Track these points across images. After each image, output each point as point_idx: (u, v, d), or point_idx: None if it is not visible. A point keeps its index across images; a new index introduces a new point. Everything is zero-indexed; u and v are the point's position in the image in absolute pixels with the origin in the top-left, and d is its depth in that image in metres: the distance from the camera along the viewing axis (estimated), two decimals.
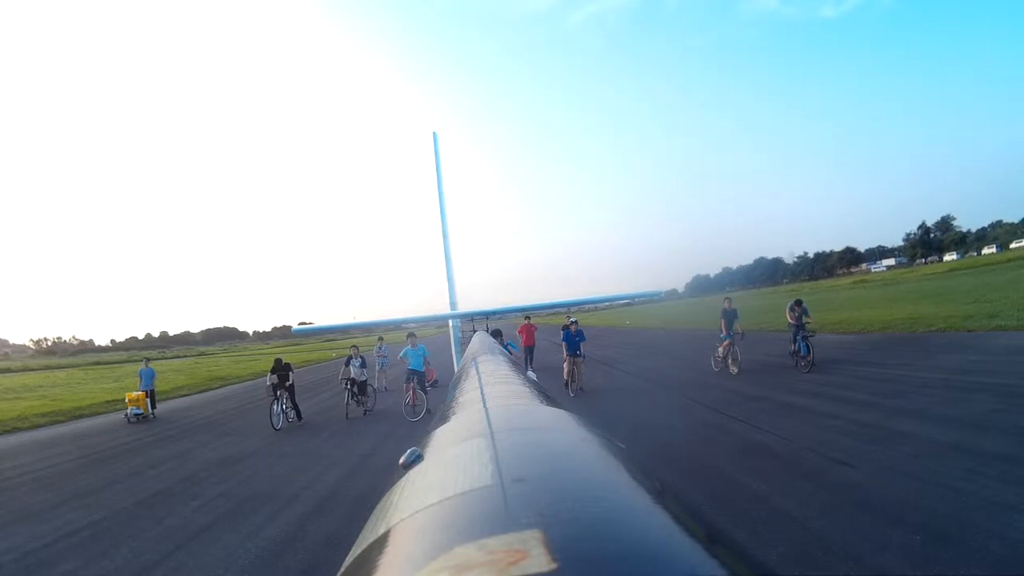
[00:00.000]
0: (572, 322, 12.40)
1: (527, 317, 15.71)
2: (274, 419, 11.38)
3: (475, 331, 7.14)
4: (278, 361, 12.02)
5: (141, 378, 15.46)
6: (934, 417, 6.56)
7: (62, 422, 16.59)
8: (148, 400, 15.28)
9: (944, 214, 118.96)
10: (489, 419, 1.14)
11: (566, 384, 11.94)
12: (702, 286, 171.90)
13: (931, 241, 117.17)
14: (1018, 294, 18.68)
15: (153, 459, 9.60)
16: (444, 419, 1.43)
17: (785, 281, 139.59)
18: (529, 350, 15.29)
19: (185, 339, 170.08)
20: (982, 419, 6.18)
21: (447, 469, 0.82)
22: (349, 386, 12.29)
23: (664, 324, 38.49)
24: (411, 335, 11.73)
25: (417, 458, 0.98)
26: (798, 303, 12.07)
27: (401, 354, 11.48)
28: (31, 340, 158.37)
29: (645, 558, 0.45)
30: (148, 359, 16.83)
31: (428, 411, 10.37)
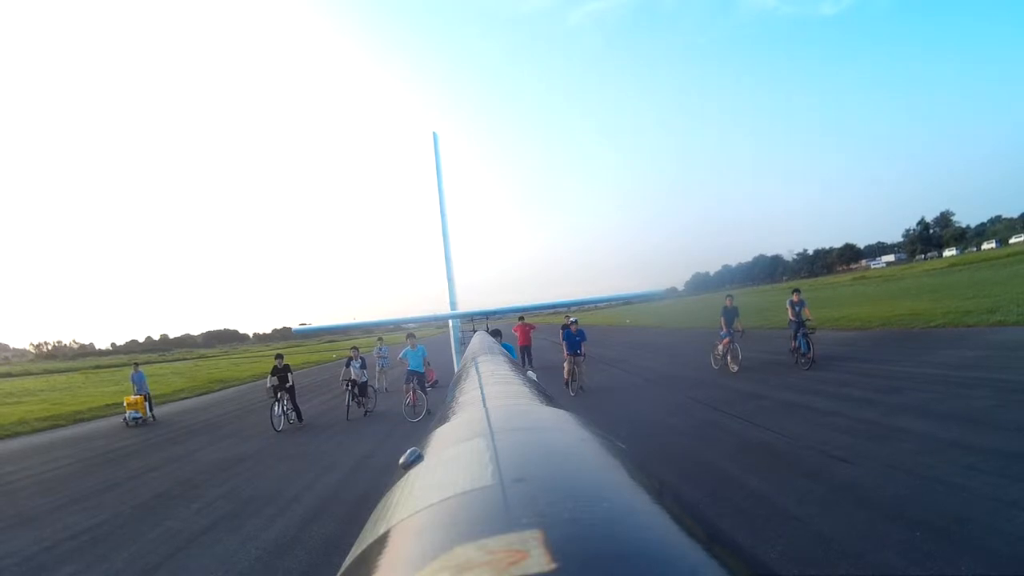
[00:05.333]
0: (572, 321, 12.40)
1: (521, 317, 15.65)
2: (275, 420, 11.39)
3: (475, 331, 7.14)
4: (279, 359, 11.99)
5: (134, 383, 15.45)
6: (934, 414, 6.56)
7: (63, 426, 16.60)
8: (146, 403, 15.29)
9: (943, 210, 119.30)
10: (489, 419, 1.13)
11: (566, 383, 11.94)
12: (702, 284, 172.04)
13: (930, 237, 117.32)
14: (1017, 289, 18.68)
15: (153, 462, 9.61)
16: (444, 419, 1.43)
17: (785, 278, 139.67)
18: (525, 350, 15.25)
19: (185, 342, 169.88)
20: (982, 415, 6.18)
21: (447, 469, 0.82)
22: (350, 387, 12.30)
23: (664, 322, 38.50)
24: (410, 336, 11.72)
25: (417, 458, 0.98)
26: (796, 292, 12.11)
27: (401, 355, 11.48)
28: (31, 344, 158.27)
29: (645, 558, 0.45)
30: (137, 363, 16.82)
31: (428, 412, 10.37)
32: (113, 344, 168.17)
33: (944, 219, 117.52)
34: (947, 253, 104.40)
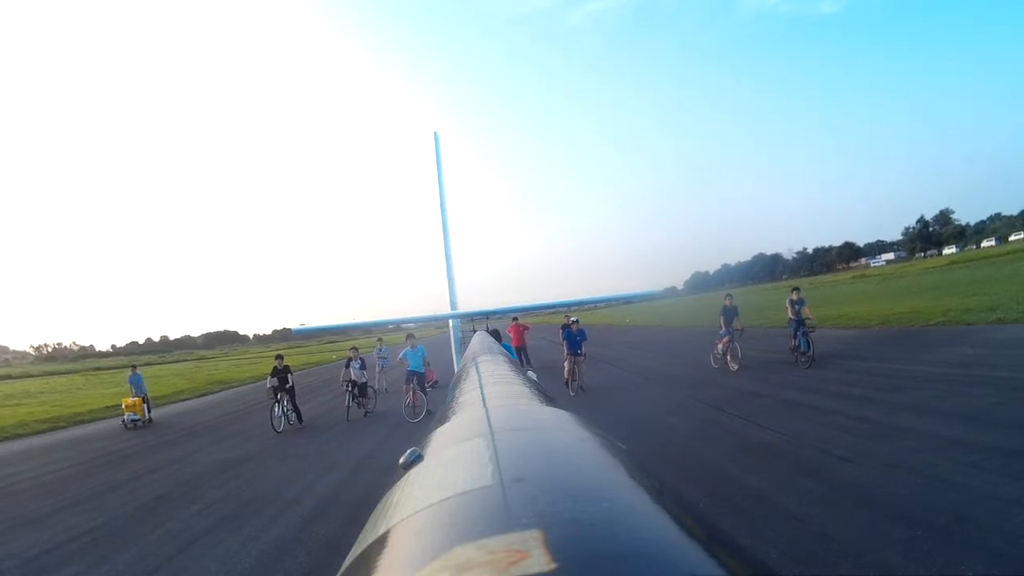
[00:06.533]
0: (573, 321, 12.40)
1: (515, 318, 15.53)
2: (275, 421, 11.39)
3: (475, 331, 7.15)
4: (279, 360, 11.99)
5: (131, 385, 15.45)
6: (935, 412, 6.55)
7: (63, 428, 16.61)
8: (144, 405, 15.29)
9: (943, 208, 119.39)
10: (489, 419, 1.14)
11: (566, 383, 11.94)
12: (701, 283, 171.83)
13: (930, 235, 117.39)
14: (1017, 287, 18.68)
15: (153, 464, 9.60)
16: (444, 419, 1.43)
17: (784, 277, 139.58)
18: (520, 351, 15.16)
19: (185, 343, 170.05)
20: (983, 413, 6.18)
21: (447, 469, 0.82)
22: (350, 388, 12.30)
23: (664, 322, 38.49)
24: (410, 336, 11.73)
25: (417, 458, 0.98)
26: (795, 291, 12.11)
27: (401, 355, 11.49)
28: (31, 346, 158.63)
29: (645, 558, 0.45)
30: (135, 366, 16.83)
31: (428, 412, 10.37)
32: (113, 346, 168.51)
33: (944, 217, 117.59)
34: (947, 251, 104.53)
